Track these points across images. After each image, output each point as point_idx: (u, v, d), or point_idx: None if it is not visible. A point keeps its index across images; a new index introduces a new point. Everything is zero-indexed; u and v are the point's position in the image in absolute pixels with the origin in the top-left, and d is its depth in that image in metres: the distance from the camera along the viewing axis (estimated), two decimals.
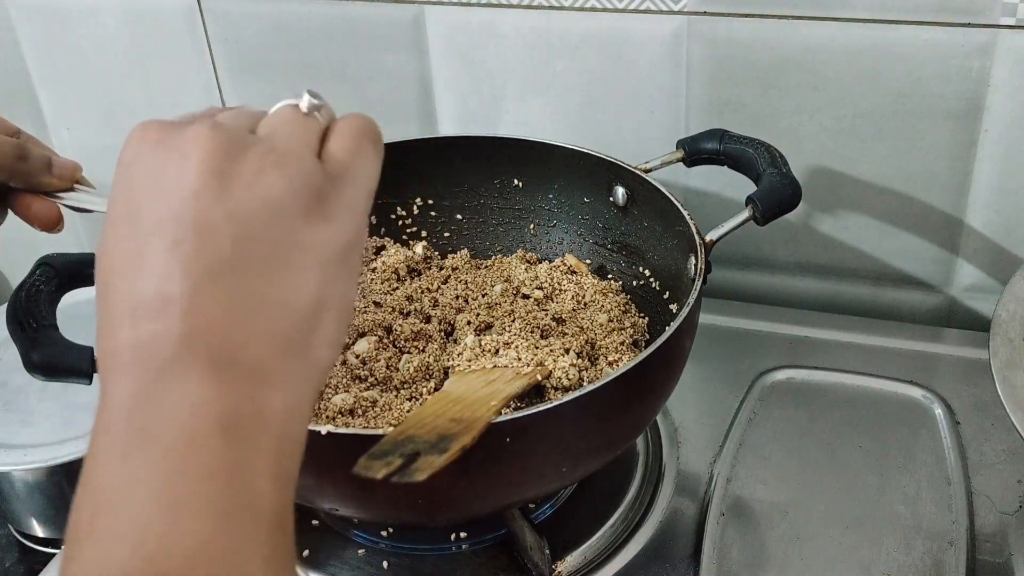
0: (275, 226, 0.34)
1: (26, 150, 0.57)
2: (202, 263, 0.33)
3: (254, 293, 0.34)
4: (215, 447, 0.31)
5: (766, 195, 0.69)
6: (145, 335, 0.33)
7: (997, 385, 0.62)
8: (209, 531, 0.30)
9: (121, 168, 0.36)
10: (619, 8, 0.85)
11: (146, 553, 0.29)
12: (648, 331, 0.76)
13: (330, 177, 0.37)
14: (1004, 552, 0.66)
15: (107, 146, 1.07)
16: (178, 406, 0.31)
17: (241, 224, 0.34)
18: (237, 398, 0.32)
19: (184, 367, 0.32)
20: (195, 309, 0.33)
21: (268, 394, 0.33)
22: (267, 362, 0.33)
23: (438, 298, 0.78)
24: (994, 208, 0.83)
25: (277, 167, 0.35)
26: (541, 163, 0.82)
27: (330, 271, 0.36)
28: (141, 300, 0.33)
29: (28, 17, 1.04)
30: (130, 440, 0.31)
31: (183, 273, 0.33)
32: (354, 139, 0.39)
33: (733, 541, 0.68)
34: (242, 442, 0.32)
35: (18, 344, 0.58)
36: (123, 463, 0.31)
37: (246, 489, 0.31)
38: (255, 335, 0.33)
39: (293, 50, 0.96)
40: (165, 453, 0.31)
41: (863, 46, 0.80)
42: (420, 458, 0.48)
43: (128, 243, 0.34)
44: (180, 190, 0.34)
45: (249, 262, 0.34)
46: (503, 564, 0.67)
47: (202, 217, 0.34)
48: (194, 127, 0.35)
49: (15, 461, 0.72)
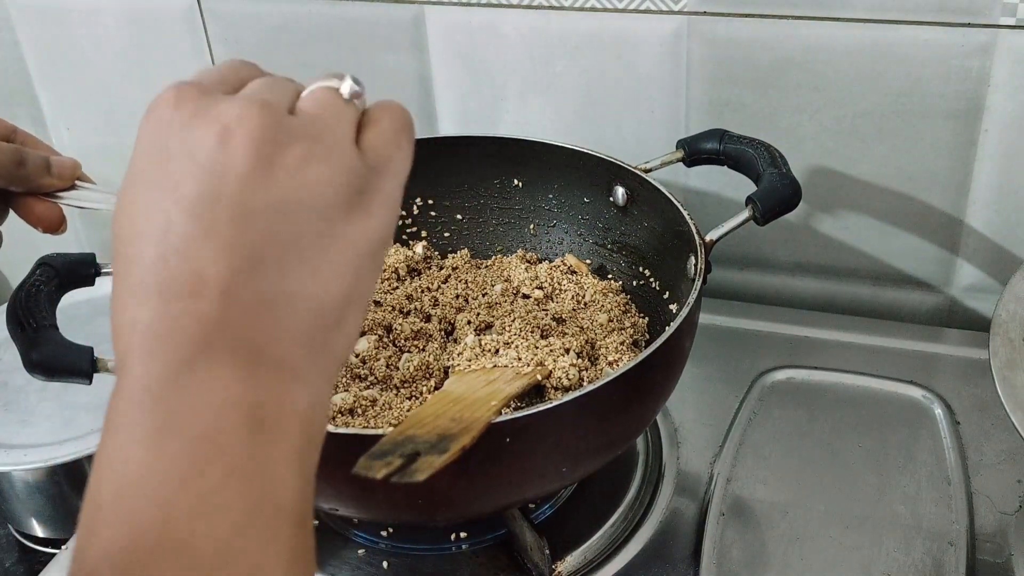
0: (316, 219, 0.34)
1: (24, 154, 0.56)
2: (241, 250, 0.32)
3: (289, 286, 0.33)
4: (243, 442, 0.31)
5: (766, 195, 0.69)
6: (176, 313, 0.31)
7: (997, 385, 0.62)
8: (236, 526, 0.30)
9: (150, 126, 0.34)
10: (619, 8, 0.85)
11: (172, 544, 0.29)
12: (648, 331, 0.76)
13: (370, 169, 0.36)
14: (1004, 552, 0.66)
15: (107, 146, 1.08)
16: (207, 396, 0.31)
17: (283, 215, 0.33)
18: (265, 393, 0.32)
19: (214, 355, 0.31)
20: (231, 296, 0.32)
21: (294, 390, 0.33)
22: (294, 357, 0.33)
23: (438, 297, 0.78)
24: (994, 208, 0.83)
25: (322, 159, 0.34)
26: (541, 163, 0.82)
27: (362, 265, 0.35)
28: (174, 276, 0.32)
29: (28, 17, 1.04)
30: (158, 426, 0.30)
31: (221, 256, 0.32)
32: (392, 130, 0.38)
33: (733, 541, 0.68)
34: (269, 438, 0.31)
35: (18, 344, 0.58)
36: (148, 450, 0.30)
37: (272, 487, 0.31)
38: (285, 329, 0.33)
39: (293, 50, 0.96)
40: (193, 444, 0.30)
41: (863, 46, 0.80)
42: (420, 458, 0.48)
43: (158, 212, 0.33)
44: (223, 169, 0.33)
45: (287, 254, 0.33)
46: (503, 564, 0.67)
47: (245, 202, 0.32)
48: (240, 103, 0.34)
49: (15, 461, 0.72)
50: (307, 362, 0.33)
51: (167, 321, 0.32)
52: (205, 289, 0.32)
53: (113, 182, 0.61)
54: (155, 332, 0.32)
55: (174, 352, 0.31)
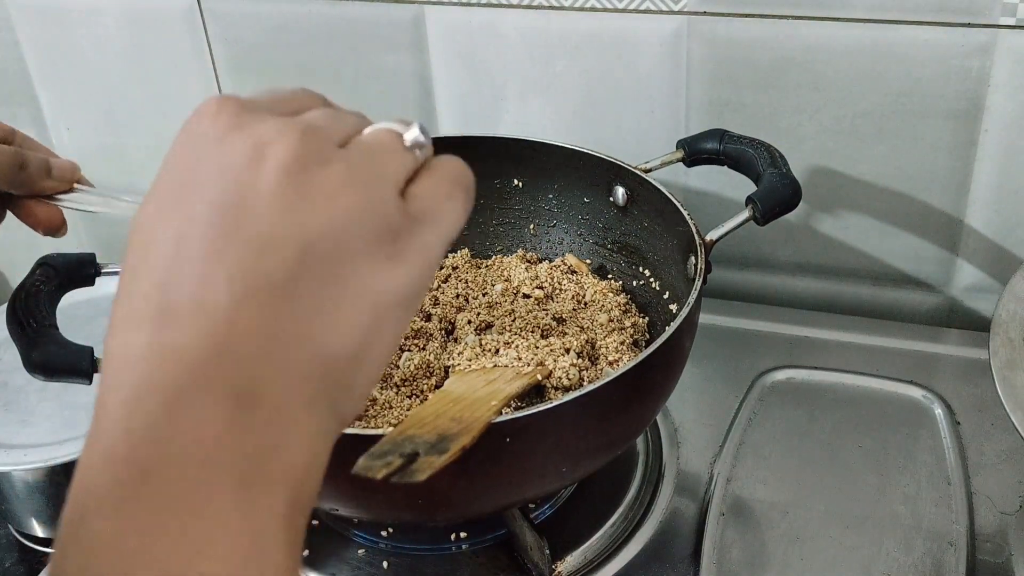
0: (339, 255, 0.31)
1: (25, 157, 0.56)
2: (250, 278, 0.29)
3: (295, 325, 0.30)
4: (225, 502, 0.28)
5: (766, 195, 0.69)
6: (167, 342, 0.29)
7: (997, 385, 0.62)
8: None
9: (184, 136, 0.32)
10: (619, 8, 0.85)
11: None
12: (648, 331, 0.76)
13: (408, 216, 0.33)
14: (1004, 552, 0.66)
15: (107, 146, 1.08)
16: (190, 446, 0.28)
17: (303, 245, 0.30)
18: (255, 445, 0.29)
19: (203, 395, 0.28)
20: (230, 327, 0.29)
21: (290, 444, 0.30)
22: (294, 407, 0.30)
23: (439, 296, 0.78)
24: (994, 208, 0.83)
25: (355, 189, 0.31)
26: (541, 163, 0.82)
27: (382, 319, 0.32)
28: (173, 300, 0.29)
29: (28, 17, 1.04)
30: (131, 480, 0.28)
31: (228, 283, 0.29)
32: (446, 183, 0.35)
33: (733, 541, 0.68)
34: (255, 497, 0.28)
35: (18, 344, 0.58)
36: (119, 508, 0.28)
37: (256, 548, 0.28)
38: (287, 374, 0.30)
39: (293, 50, 0.96)
40: (171, 503, 0.28)
41: (863, 46, 0.80)
42: (420, 458, 0.48)
43: (173, 228, 0.30)
44: (248, 188, 0.30)
45: (299, 289, 0.30)
46: (503, 564, 0.67)
47: (265, 226, 0.30)
48: (283, 123, 0.32)
49: (15, 461, 0.72)
50: (307, 415, 0.30)
51: (158, 349, 0.29)
52: (202, 317, 0.29)
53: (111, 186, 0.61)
54: (144, 361, 0.29)
55: (159, 386, 0.29)
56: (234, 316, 0.29)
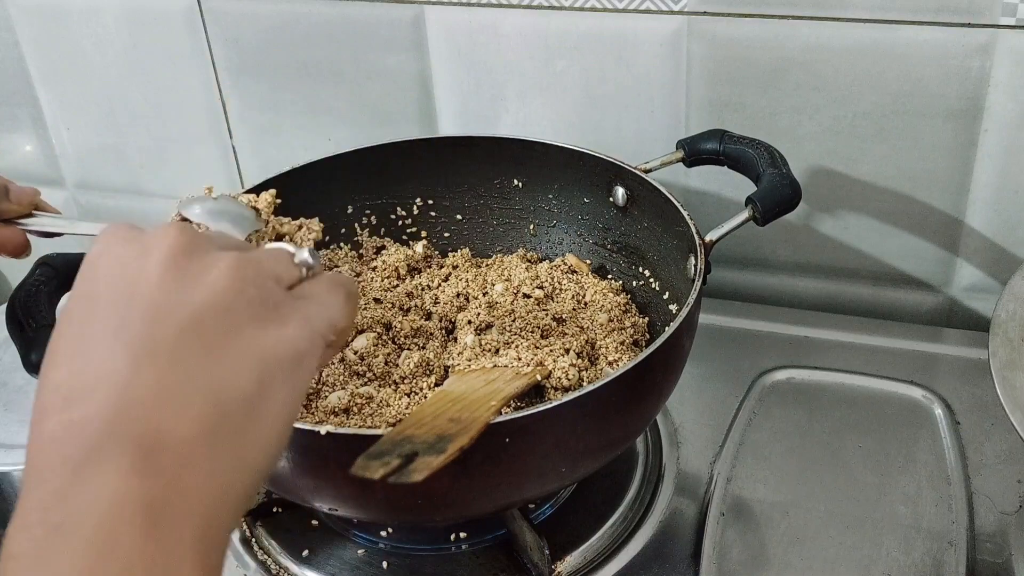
0: (224, 320, 0.36)
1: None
2: (145, 345, 0.34)
3: (189, 377, 0.34)
4: (136, 540, 0.31)
5: (766, 195, 0.69)
6: (75, 418, 0.33)
7: (997, 385, 0.62)
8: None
9: (87, 262, 0.38)
10: (619, 8, 0.85)
11: None
12: (648, 331, 0.76)
13: (290, 295, 0.39)
14: (1004, 552, 0.66)
15: (107, 146, 1.08)
16: (98, 497, 0.31)
17: (191, 314, 0.35)
18: (161, 486, 0.32)
19: (108, 453, 0.32)
20: (129, 387, 0.33)
21: (193, 481, 0.33)
22: (194, 447, 0.33)
23: (439, 295, 0.78)
24: (994, 208, 0.83)
25: (236, 272, 0.37)
26: (541, 163, 0.82)
27: (271, 371, 0.36)
28: (77, 383, 0.34)
29: (28, 17, 1.05)
30: (46, 537, 0.31)
31: (124, 353, 0.34)
32: (326, 283, 0.41)
33: (733, 541, 0.68)
34: (165, 533, 0.31)
35: (18, 344, 0.58)
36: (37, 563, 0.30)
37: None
38: (184, 418, 0.33)
39: (293, 50, 0.96)
40: (84, 548, 0.30)
41: (863, 46, 0.80)
42: (418, 458, 0.48)
43: (77, 329, 0.35)
44: (138, 279, 0.36)
45: (190, 348, 0.35)
46: (503, 564, 0.67)
47: (154, 304, 0.35)
48: (164, 227, 0.38)
49: (15, 461, 0.72)
50: (209, 452, 0.34)
51: (66, 428, 0.33)
52: (103, 385, 0.33)
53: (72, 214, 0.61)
54: (54, 444, 0.33)
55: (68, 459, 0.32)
56: (133, 379, 0.33)
